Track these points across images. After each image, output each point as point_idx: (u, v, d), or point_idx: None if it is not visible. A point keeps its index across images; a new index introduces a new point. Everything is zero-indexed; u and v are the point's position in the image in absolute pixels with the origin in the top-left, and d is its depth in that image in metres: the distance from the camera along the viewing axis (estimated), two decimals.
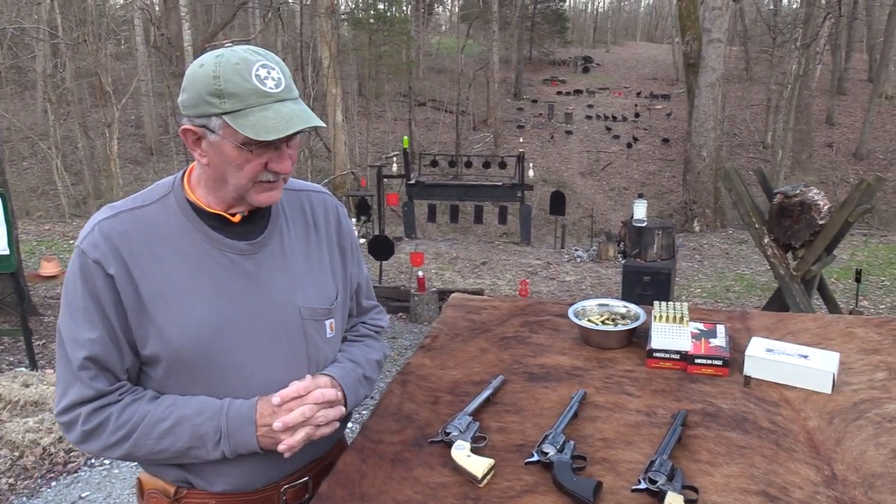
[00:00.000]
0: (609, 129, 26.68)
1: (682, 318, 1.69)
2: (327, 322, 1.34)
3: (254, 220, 1.29)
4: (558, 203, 11.10)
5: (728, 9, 12.91)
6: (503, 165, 12.57)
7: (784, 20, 24.26)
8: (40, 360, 5.21)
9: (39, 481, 3.61)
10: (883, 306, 7.02)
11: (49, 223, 12.00)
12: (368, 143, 22.34)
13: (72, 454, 3.83)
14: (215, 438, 1.19)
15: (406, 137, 12.10)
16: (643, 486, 1.16)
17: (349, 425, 1.51)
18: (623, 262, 6.28)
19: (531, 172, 11.64)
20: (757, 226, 5.01)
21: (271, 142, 1.15)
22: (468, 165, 13.71)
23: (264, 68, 1.15)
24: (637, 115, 27.92)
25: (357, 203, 10.35)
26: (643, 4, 66.39)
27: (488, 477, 1.21)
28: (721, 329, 1.69)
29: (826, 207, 4.77)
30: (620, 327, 1.76)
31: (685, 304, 1.74)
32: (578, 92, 31.65)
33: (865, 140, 22.66)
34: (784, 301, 4.97)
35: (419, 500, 1.18)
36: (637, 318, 1.79)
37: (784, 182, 16.58)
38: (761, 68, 29.08)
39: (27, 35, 15.69)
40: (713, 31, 12.38)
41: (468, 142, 24.73)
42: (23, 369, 4.99)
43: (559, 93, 31.83)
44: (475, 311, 2.03)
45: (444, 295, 6.54)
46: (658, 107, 28.79)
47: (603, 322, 1.81)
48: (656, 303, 1.75)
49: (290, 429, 1.20)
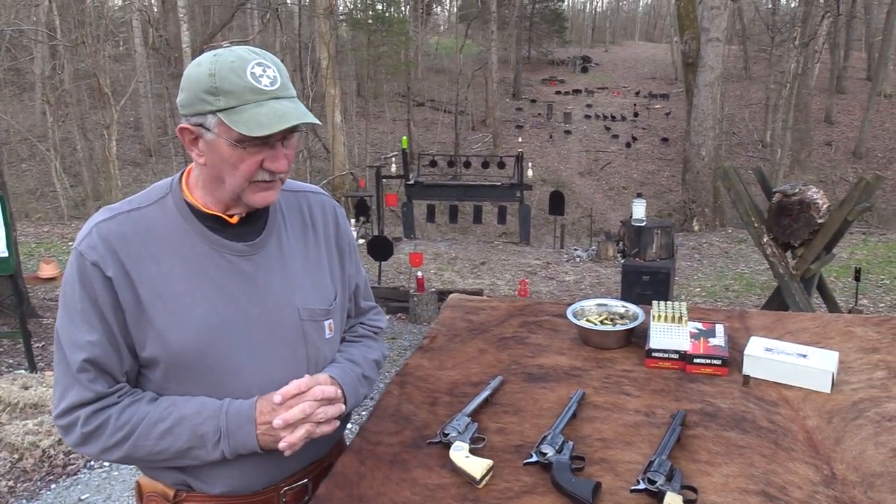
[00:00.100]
0: (608, 129, 26.70)
1: (681, 318, 1.69)
2: (326, 323, 1.34)
3: (252, 222, 1.29)
4: (557, 203, 11.10)
5: (726, 8, 12.91)
6: (502, 165, 12.56)
7: (782, 19, 24.28)
8: (39, 363, 5.20)
9: (39, 484, 3.61)
10: (882, 305, 7.02)
11: (48, 225, 11.99)
12: (367, 144, 22.34)
13: (71, 456, 3.82)
14: (215, 438, 1.18)
15: (405, 138, 12.10)
16: (642, 487, 1.15)
17: (348, 426, 1.51)
18: (622, 262, 6.28)
19: (530, 172, 11.63)
20: (756, 225, 5.01)
21: (266, 140, 1.15)
22: (467, 165, 13.71)
23: (260, 66, 1.15)
24: (636, 115, 27.95)
25: (356, 203, 10.35)
26: (641, 4, 66.46)
27: (487, 478, 1.21)
28: (720, 328, 1.69)
29: (825, 206, 4.77)
30: (619, 327, 1.76)
31: (684, 304, 1.74)
32: (577, 92, 31.67)
33: (864, 138, 22.67)
34: (783, 300, 4.97)
35: (417, 502, 1.18)
36: (636, 318, 1.79)
37: (783, 181, 16.57)
38: (760, 67, 29.10)
39: (25, 37, 15.69)
40: (712, 31, 12.39)
41: (467, 142, 24.73)
42: (22, 371, 4.98)
43: (558, 92, 31.85)
44: (473, 312, 2.02)
45: (444, 295, 6.54)
46: (657, 106, 28.81)
47: (601, 322, 1.81)
48: (655, 302, 1.75)
49: (291, 426, 1.19)
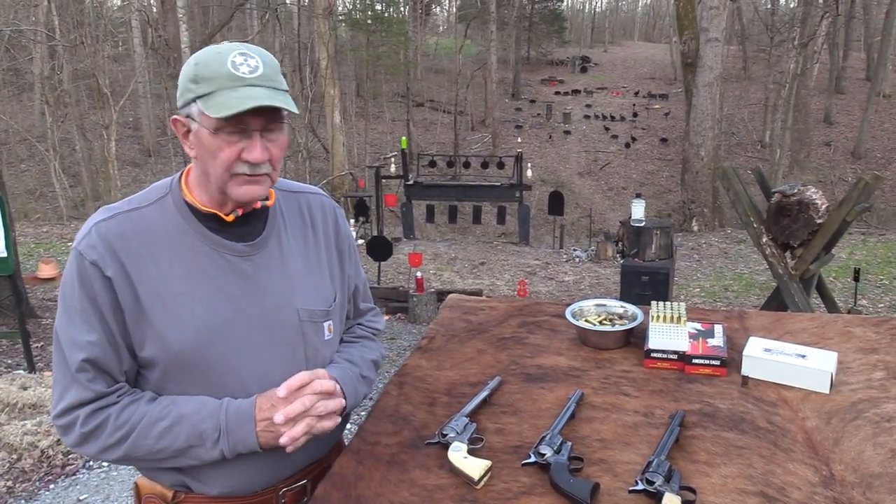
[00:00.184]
0: (607, 129, 26.70)
1: (680, 318, 1.68)
2: (325, 324, 1.34)
3: (251, 222, 1.29)
4: (557, 203, 11.11)
5: (725, 8, 12.92)
6: (501, 166, 12.56)
7: (781, 19, 24.29)
8: (38, 363, 5.20)
9: (38, 484, 3.60)
10: (881, 305, 7.03)
11: (47, 225, 11.98)
12: (366, 144, 22.33)
13: (70, 457, 3.82)
14: (214, 436, 1.17)
15: (404, 138, 12.09)
16: (640, 488, 1.15)
17: (347, 426, 1.51)
18: (621, 262, 6.27)
19: (529, 172, 11.63)
20: (755, 225, 5.01)
21: (244, 129, 1.14)
22: (466, 166, 13.71)
23: (242, 56, 1.15)
24: (635, 115, 27.96)
25: (355, 204, 10.35)
26: (641, 4, 66.51)
27: (485, 479, 1.21)
28: (719, 329, 1.69)
29: (824, 206, 4.77)
30: (618, 328, 1.76)
31: (682, 304, 1.74)
32: (576, 92, 31.68)
33: (863, 139, 22.68)
34: (782, 300, 4.97)
35: (416, 503, 1.17)
36: (634, 319, 1.79)
37: (782, 181, 16.58)
38: (759, 67, 29.11)
39: (24, 37, 15.68)
40: (711, 31, 12.39)
41: (466, 142, 24.73)
42: (21, 372, 4.98)
43: (557, 93, 31.86)
44: (472, 312, 2.02)
45: (443, 295, 6.52)
46: (656, 106, 28.82)
47: (600, 322, 1.81)
48: (654, 303, 1.75)
49: (291, 420, 1.18)
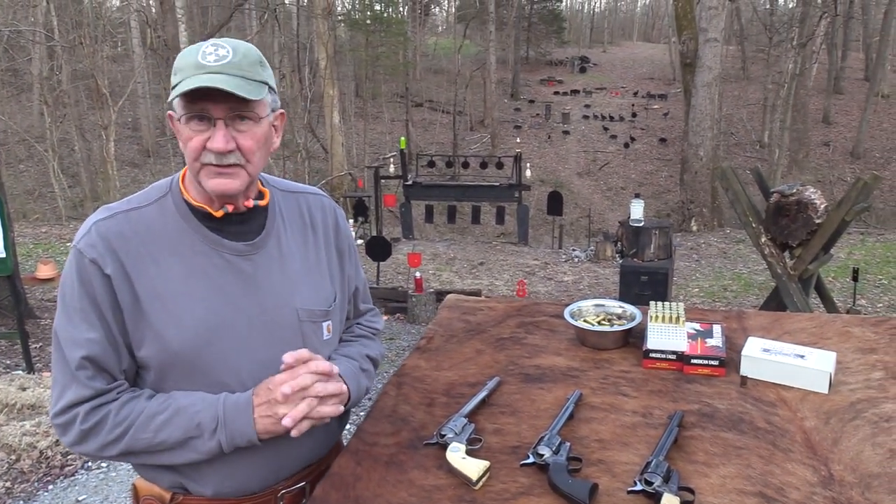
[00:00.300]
0: (606, 129, 26.70)
1: (679, 319, 1.68)
2: (325, 324, 1.34)
3: (250, 222, 1.29)
4: (556, 203, 11.10)
5: (724, 8, 12.93)
6: (500, 166, 12.55)
7: (780, 19, 24.30)
8: (37, 363, 5.19)
9: (36, 485, 3.60)
10: (880, 305, 7.03)
11: (46, 226, 11.97)
12: (365, 144, 22.33)
13: (69, 457, 3.81)
14: (212, 426, 1.17)
15: (403, 138, 12.09)
16: (639, 488, 1.15)
17: (347, 427, 1.50)
18: (620, 262, 6.27)
19: (528, 173, 11.63)
20: (754, 225, 5.01)
21: (207, 117, 1.15)
22: (465, 166, 13.71)
23: (213, 46, 1.16)
24: (634, 115, 27.96)
25: (354, 204, 10.35)
26: (640, 4, 66.54)
27: (483, 479, 1.21)
28: (717, 329, 1.69)
29: (823, 206, 4.77)
30: (616, 328, 1.76)
31: (681, 305, 1.74)
32: (575, 92, 31.67)
33: (862, 139, 22.69)
34: (781, 300, 4.97)
35: (414, 503, 1.17)
36: (633, 319, 1.79)
37: (781, 181, 16.59)
38: (758, 67, 29.13)
39: (23, 37, 15.67)
40: (710, 31, 12.40)
41: (465, 142, 24.73)
42: (20, 372, 4.98)
43: (556, 93, 31.85)
44: (471, 312, 2.02)
45: (442, 296, 6.53)
46: (655, 106, 28.82)
47: (599, 322, 1.81)
48: (652, 303, 1.75)
49: (293, 399, 1.17)
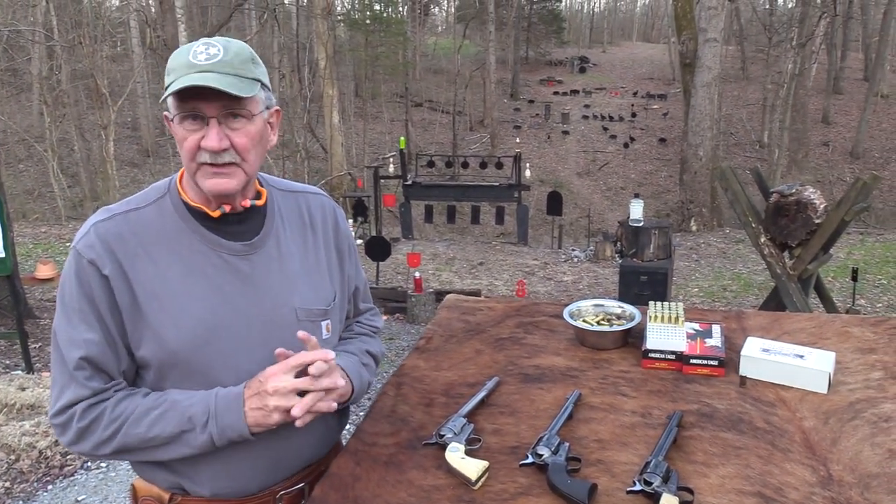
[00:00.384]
0: (606, 129, 26.70)
1: (678, 319, 1.68)
2: (323, 323, 1.34)
3: (249, 221, 1.29)
4: (555, 203, 11.10)
5: (724, 8, 12.92)
6: (500, 166, 12.56)
7: (780, 19, 24.30)
8: (36, 364, 5.19)
9: (36, 485, 3.60)
10: (880, 305, 7.03)
11: (45, 226, 11.96)
12: (365, 144, 22.33)
13: (68, 458, 3.81)
14: (203, 419, 1.16)
15: (402, 138, 12.09)
16: (638, 488, 1.15)
17: (347, 427, 1.50)
18: (620, 262, 6.28)
19: (528, 173, 11.64)
20: (753, 225, 5.01)
21: (200, 116, 1.14)
22: (465, 166, 13.71)
23: (204, 45, 1.15)
24: (633, 115, 27.95)
25: (354, 204, 10.35)
26: (639, 4, 66.54)
27: (482, 479, 1.21)
28: (717, 329, 1.69)
29: (822, 206, 4.78)
30: (616, 328, 1.76)
31: (680, 305, 1.73)
32: (575, 92, 31.66)
33: (861, 139, 22.70)
34: (781, 300, 4.97)
35: (413, 503, 1.17)
36: (632, 319, 1.79)
37: (780, 181, 16.60)
38: (757, 68, 29.14)
39: (23, 37, 15.66)
40: (709, 31, 12.40)
41: (465, 142, 24.73)
42: (19, 372, 4.98)
43: (556, 93, 31.83)
44: (470, 313, 2.02)
45: (442, 296, 6.53)
46: (654, 106, 28.81)
47: (598, 323, 1.81)
48: (651, 303, 1.75)
49: (282, 393, 1.15)
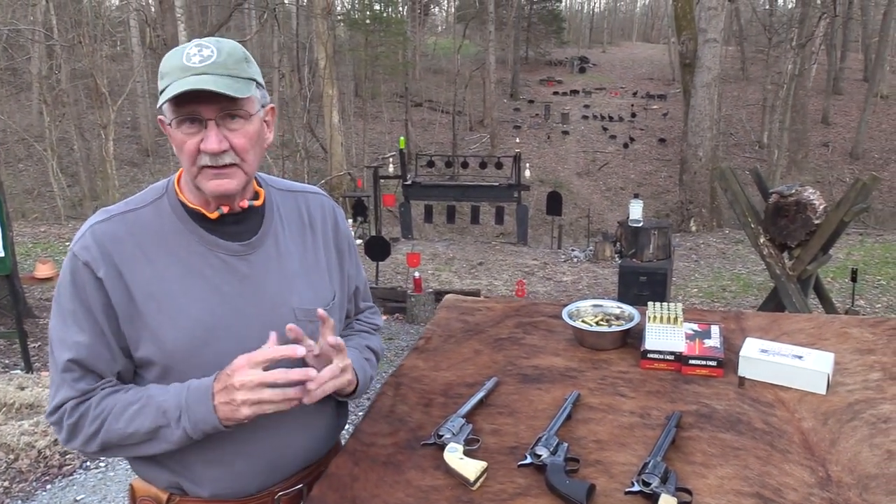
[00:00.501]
0: (605, 129, 26.70)
1: (677, 319, 1.68)
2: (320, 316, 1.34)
3: (247, 221, 1.29)
4: (555, 203, 11.10)
5: (724, 9, 12.92)
6: (500, 166, 12.55)
7: (780, 20, 24.30)
8: (36, 363, 5.19)
9: (34, 484, 3.60)
10: (879, 305, 7.04)
11: (45, 225, 11.95)
12: (365, 144, 22.33)
13: (67, 457, 3.81)
14: (176, 414, 1.15)
15: (402, 138, 12.09)
16: (637, 489, 1.15)
17: (345, 427, 1.50)
18: (619, 263, 6.28)
19: (527, 173, 11.64)
20: (753, 225, 5.01)
21: (198, 119, 1.14)
22: (464, 166, 13.71)
23: (197, 47, 1.15)
24: (633, 115, 27.95)
25: (353, 204, 10.35)
26: (639, 5, 66.55)
27: (481, 480, 1.21)
28: (715, 330, 1.69)
29: (822, 207, 4.78)
30: (614, 328, 1.75)
31: (679, 305, 1.73)
32: (575, 92, 31.65)
33: (861, 139, 22.71)
34: (780, 301, 4.98)
35: (411, 503, 1.17)
36: (631, 319, 1.79)
37: (780, 182, 16.60)
38: (757, 68, 29.14)
39: (22, 36, 15.65)
40: (709, 31, 12.40)
41: (465, 142, 24.73)
42: (18, 372, 4.98)
43: (556, 93, 31.82)
44: (469, 313, 2.02)
45: (441, 296, 6.52)
46: (654, 107, 28.82)
47: (597, 323, 1.80)
48: (650, 303, 1.75)
49: (248, 387, 1.11)
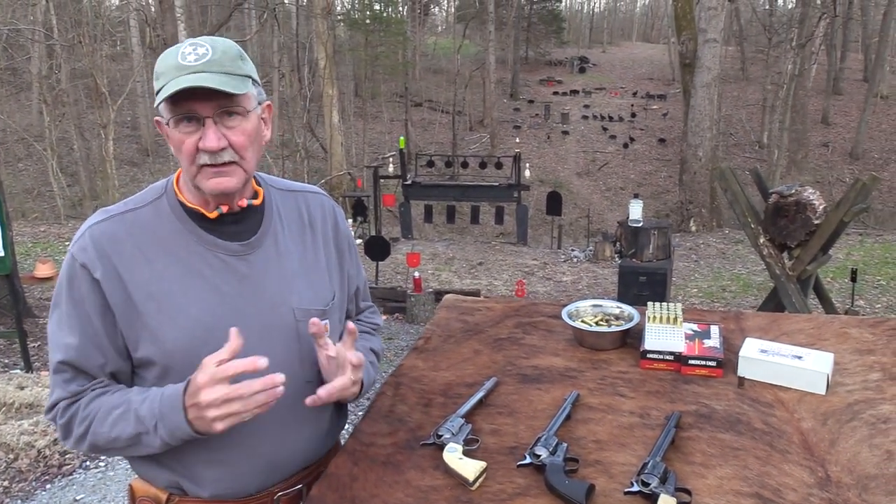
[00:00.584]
0: (605, 130, 26.69)
1: (676, 319, 1.68)
2: (322, 323, 1.33)
3: (246, 221, 1.29)
4: (555, 203, 11.09)
5: (724, 9, 12.92)
6: (500, 166, 12.55)
7: (779, 20, 24.30)
8: (35, 363, 5.19)
9: (34, 484, 3.60)
10: (879, 305, 7.04)
11: (44, 225, 11.95)
12: (365, 144, 22.32)
13: (66, 456, 3.81)
14: (153, 423, 1.14)
15: (402, 138, 12.08)
16: (636, 489, 1.15)
17: (345, 427, 1.50)
18: (619, 263, 6.28)
19: (527, 173, 11.63)
20: (753, 226, 5.01)
21: (195, 117, 1.14)
22: (464, 166, 13.70)
23: (192, 46, 1.15)
24: (633, 115, 27.95)
25: (353, 204, 10.35)
26: (639, 5, 66.54)
27: (480, 480, 1.21)
28: (715, 330, 1.69)
29: (821, 207, 4.78)
30: (614, 328, 1.75)
31: (679, 305, 1.73)
32: (575, 92, 31.64)
33: (861, 140, 22.71)
34: (780, 301, 4.98)
35: (410, 503, 1.17)
36: (631, 319, 1.78)
37: (780, 182, 16.60)
38: (757, 68, 29.14)
39: (22, 36, 15.64)
40: (709, 31, 12.39)
41: (465, 142, 24.73)
42: (18, 371, 4.98)
43: (556, 93, 31.82)
44: (469, 313, 2.02)
45: (441, 295, 6.52)
46: (654, 107, 28.81)
47: (597, 323, 1.80)
48: (650, 303, 1.75)
49: (215, 405, 1.08)
